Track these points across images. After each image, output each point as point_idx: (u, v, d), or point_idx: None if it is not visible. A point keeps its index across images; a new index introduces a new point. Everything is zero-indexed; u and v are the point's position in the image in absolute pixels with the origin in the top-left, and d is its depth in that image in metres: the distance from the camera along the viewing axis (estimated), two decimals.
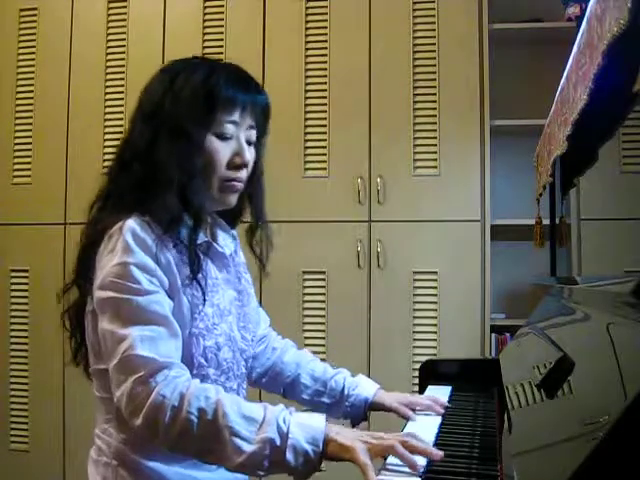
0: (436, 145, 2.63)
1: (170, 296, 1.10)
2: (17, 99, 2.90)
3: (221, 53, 2.77)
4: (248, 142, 1.21)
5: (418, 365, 1.66)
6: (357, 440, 0.96)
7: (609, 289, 1.17)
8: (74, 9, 2.88)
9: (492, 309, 2.64)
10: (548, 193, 2.00)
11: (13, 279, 2.86)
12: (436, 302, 2.61)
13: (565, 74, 1.44)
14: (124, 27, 2.85)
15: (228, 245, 1.27)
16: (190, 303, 1.12)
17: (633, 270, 2.35)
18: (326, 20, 2.72)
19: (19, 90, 2.90)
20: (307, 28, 2.73)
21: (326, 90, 2.71)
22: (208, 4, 2.81)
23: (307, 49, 2.73)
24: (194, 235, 1.15)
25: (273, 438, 0.95)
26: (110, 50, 2.86)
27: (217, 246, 1.23)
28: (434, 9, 2.65)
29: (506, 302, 2.84)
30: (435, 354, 2.55)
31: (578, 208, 2.59)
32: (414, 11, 2.67)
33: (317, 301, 2.68)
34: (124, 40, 2.85)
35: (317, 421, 0.98)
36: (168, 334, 1.06)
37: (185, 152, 1.13)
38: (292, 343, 1.46)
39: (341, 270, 2.65)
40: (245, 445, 0.96)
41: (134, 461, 1.11)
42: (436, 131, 2.63)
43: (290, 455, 0.95)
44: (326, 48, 2.72)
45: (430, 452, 0.95)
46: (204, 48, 2.79)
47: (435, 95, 2.64)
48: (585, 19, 1.16)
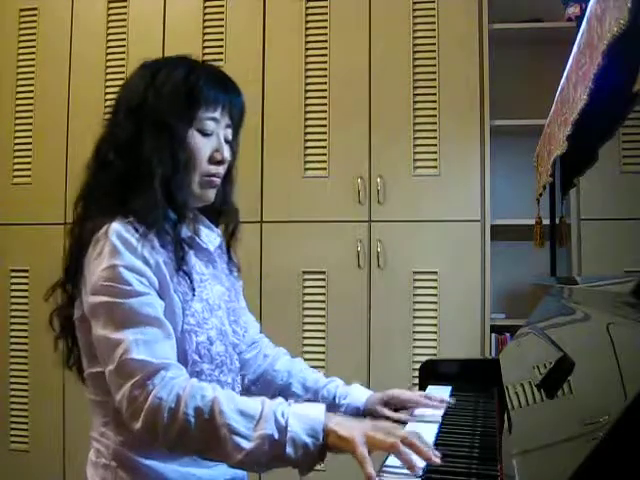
0: (436, 145, 2.63)
1: (161, 296, 1.11)
2: (17, 99, 2.90)
3: (221, 53, 2.78)
4: (225, 140, 1.23)
5: (418, 365, 1.66)
6: (357, 432, 0.95)
7: (609, 289, 1.17)
8: (74, 9, 2.88)
9: (492, 309, 2.64)
10: (548, 193, 2.00)
11: (13, 279, 2.87)
12: (436, 302, 2.61)
13: (565, 74, 1.44)
14: (124, 27, 2.85)
15: (212, 241, 1.27)
16: (181, 300, 1.13)
17: (633, 270, 2.35)
18: (326, 20, 2.72)
19: (19, 90, 2.90)
20: (307, 28, 2.73)
21: (326, 90, 2.71)
22: (208, 4, 2.81)
23: (307, 49, 2.73)
24: (178, 228, 1.16)
25: (271, 433, 0.95)
26: (110, 50, 2.86)
27: (201, 241, 1.23)
28: (434, 9, 2.65)
29: (506, 302, 2.84)
30: (435, 354, 2.55)
31: (578, 208, 2.59)
32: (414, 11, 2.67)
33: (317, 301, 2.68)
34: (124, 40, 2.85)
35: (316, 412, 0.98)
36: (162, 335, 1.07)
37: (169, 146, 1.15)
38: (285, 351, 1.43)
39: (341, 270, 2.65)
40: (244, 442, 0.96)
41: (133, 461, 1.12)
42: (436, 131, 2.63)
43: (290, 449, 0.95)
44: (326, 48, 2.72)
45: (429, 457, 0.93)
46: (204, 48, 2.79)
47: (435, 95, 2.64)
48: (585, 19, 1.16)
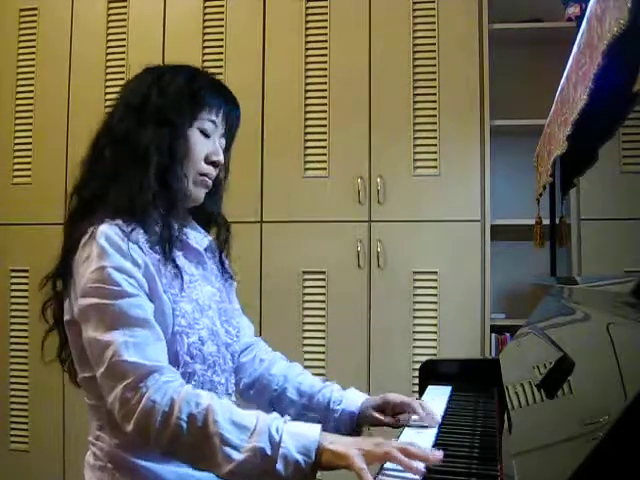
0: (436, 145, 2.63)
1: (150, 298, 1.11)
2: (17, 99, 2.90)
3: (221, 53, 2.78)
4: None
5: (418, 365, 1.66)
6: (352, 447, 0.95)
7: (609, 289, 1.17)
8: (74, 9, 2.88)
9: (492, 309, 2.64)
10: (548, 193, 2.00)
11: (13, 279, 2.86)
12: (436, 302, 2.61)
13: (565, 74, 1.44)
14: (124, 27, 2.85)
15: (200, 242, 1.28)
16: (170, 301, 1.13)
17: (633, 270, 2.35)
18: (326, 20, 2.72)
19: (19, 90, 2.90)
20: (307, 28, 2.73)
21: (326, 90, 2.71)
22: (208, 4, 2.81)
23: (307, 49, 2.73)
24: (168, 219, 1.17)
25: (264, 447, 0.95)
26: (110, 50, 2.86)
27: (190, 241, 1.24)
28: (434, 9, 2.65)
29: (506, 302, 2.84)
30: (435, 354, 2.55)
31: (578, 208, 2.59)
32: (414, 11, 2.67)
33: (317, 301, 2.67)
34: (124, 40, 2.85)
35: (311, 430, 0.97)
36: (153, 337, 1.07)
37: (168, 138, 1.17)
38: (281, 355, 1.43)
39: (341, 270, 2.65)
40: (235, 453, 0.96)
41: (130, 463, 1.12)
42: (436, 131, 2.63)
43: (280, 465, 0.94)
44: (326, 48, 2.71)
45: (427, 457, 0.93)
46: (204, 48, 2.79)
47: (435, 95, 2.64)
48: (585, 19, 1.16)
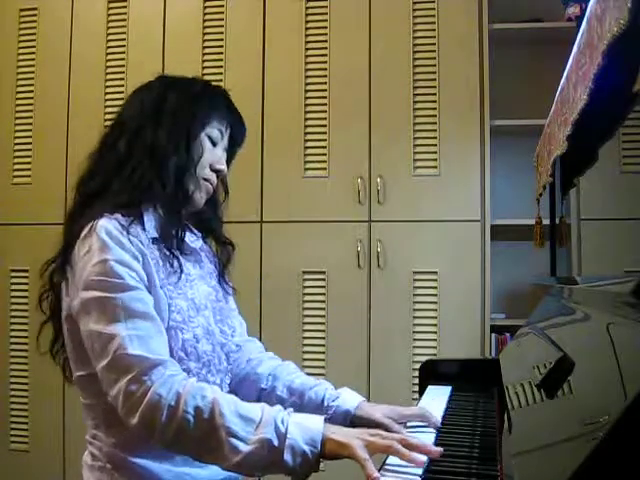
0: (436, 145, 2.63)
1: (149, 292, 1.11)
2: (17, 99, 2.90)
3: (221, 53, 2.78)
4: None
5: (418, 365, 1.66)
6: (355, 437, 0.96)
7: (609, 289, 1.17)
8: (74, 9, 2.88)
9: (492, 309, 2.64)
10: (548, 193, 1.99)
11: (13, 279, 2.86)
12: (436, 302, 2.61)
13: (565, 74, 1.44)
14: (124, 27, 2.85)
15: (195, 242, 1.29)
16: (166, 296, 1.13)
17: (633, 270, 2.35)
18: (326, 20, 2.72)
19: (19, 90, 2.90)
20: (307, 28, 2.73)
21: (326, 90, 2.71)
22: (208, 4, 2.81)
23: (307, 49, 2.73)
24: (174, 215, 1.18)
25: (270, 438, 0.96)
26: (110, 50, 2.86)
27: (188, 241, 1.25)
28: (434, 9, 2.65)
29: (506, 302, 2.84)
30: (435, 354, 2.55)
31: (578, 208, 2.59)
32: (414, 11, 2.67)
33: (317, 301, 2.67)
34: (124, 40, 2.85)
35: (315, 422, 0.98)
36: (155, 330, 1.07)
37: (185, 139, 1.18)
38: (272, 355, 1.39)
39: (341, 270, 2.65)
40: (242, 445, 0.96)
41: (127, 462, 1.12)
42: (436, 131, 2.63)
43: (288, 456, 0.95)
44: (326, 48, 2.71)
45: (429, 450, 0.94)
46: (204, 48, 2.79)
47: (435, 95, 2.64)
48: (585, 19, 1.15)
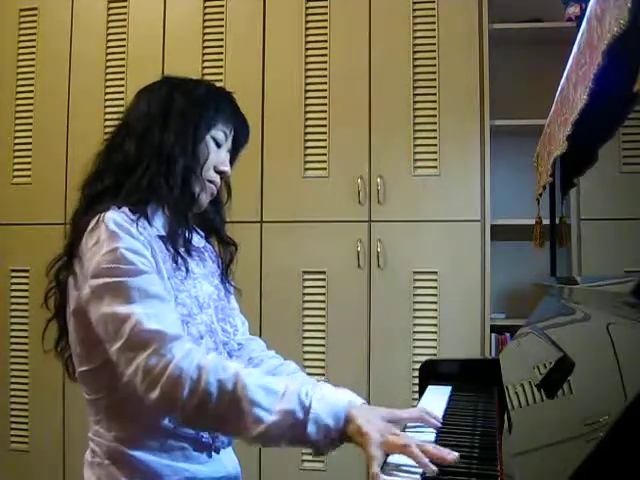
0: (436, 145, 2.63)
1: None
2: (17, 99, 2.90)
3: (221, 53, 2.78)
4: None
5: (418, 365, 1.66)
6: (375, 430, 0.94)
7: (609, 289, 1.17)
8: (74, 9, 2.88)
9: (492, 309, 2.64)
10: (548, 193, 2.00)
11: (13, 279, 2.86)
12: (436, 302, 2.61)
13: (565, 74, 1.44)
14: (124, 27, 2.85)
15: (199, 242, 1.30)
16: (173, 289, 1.14)
17: (633, 270, 2.35)
18: (326, 20, 2.72)
19: (19, 90, 2.90)
20: (307, 28, 2.73)
21: (326, 90, 2.71)
22: (208, 4, 2.81)
23: (307, 49, 2.73)
24: (179, 215, 1.18)
25: (295, 410, 0.95)
26: (110, 50, 2.86)
27: (193, 241, 1.26)
28: (434, 9, 2.65)
29: (506, 302, 2.84)
30: (435, 354, 2.55)
31: (578, 208, 2.59)
32: (414, 11, 2.67)
33: (317, 301, 2.67)
34: (124, 40, 2.85)
35: (340, 397, 0.99)
36: (169, 309, 1.08)
37: (192, 140, 1.19)
38: (274, 354, 1.39)
39: (341, 270, 2.65)
40: (266, 415, 0.96)
41: (126, 456, 1.13)
42: (436, 131, 2.63)
43: (312, 427, 0.95)
44: (326, 48, 2.71)
45: (445, 458, 0.91)
46: (204, 48, 2.79)
47: (435, 95, 2.64)
48: (585, 19, 1.15)
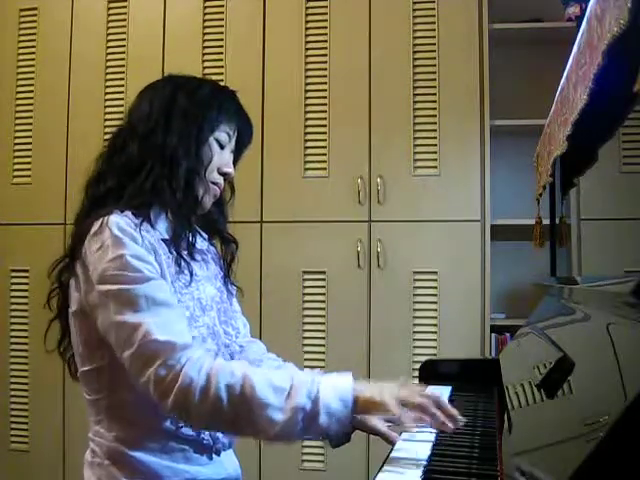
0: (436, 145, 2.63)
1: None
2: (17, 99, 2.90)
3: (221, 53, 2.78)
4: None
5: (418, 365, 1.66)
6: (387, 395, 0.98)
7: (609, 289, 1.17)
8: (74, 9, 2.88)
9: (492, 309, 2.64)
10: (548, 193, 1.99)
11: (13, 279, 2.86)
12: (436, 302, 2.61)
13: (565, 74, 1.44)
14: (124, 27, 2.85)
15: (202, 244, 1.30)
16: (177, 292, 1.14)
17: (633, 270, 2.35)
18: (326, 20, 2.72)
19: (19, 90, 2.90)
20: (307, 28, 2.73)
21: (326, 90, 2.71)
22: (208, 4, 2.81)
23: (307, 49, 2.73)
24: (183, 218, 1.18)
25: (304, 404, 0.97)
26: (110, 50, 2.86)
27: (196, 243, 1.25)
28: (434, 9, 2.65)
29: (506, 302, 2.84)
30: (435, 354, 2.55)
31: (578, 208, 2.59)
32: (414, 11, 2.67)
33: (317, 301, 2.67)
34: (124, 40, 2.84)
35: (344, 381, 1.01)
36: (177, 316, 1.09)
37: (195, 142, 1.19)
38: (273, 357, 1.39)
39: (341, 270, 2.65)
40: (278, 415, 0.98)
41: (126, 456, 1.13)
42: (436, 131, 2.63)
43: (324, 417, 0.97)
44: (326, 48, 2.71)
45: (456, 417, 0.99)
46: (204, 48, 2.79)
47: (435, 95, 2.64)
48: (585, 19, 1.15)
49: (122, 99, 2.78)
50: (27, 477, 2.78)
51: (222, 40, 2.78)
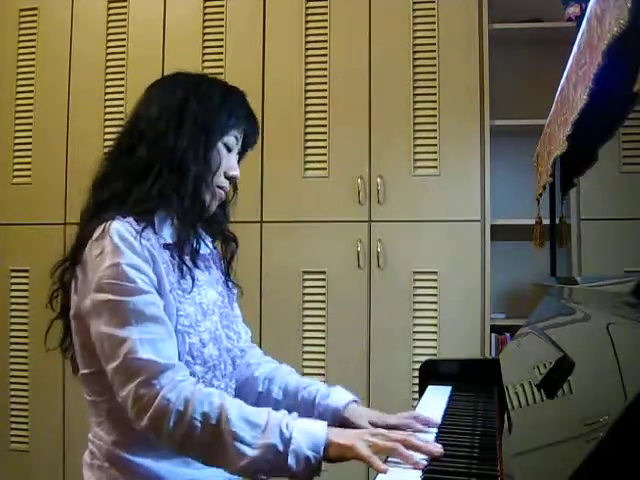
0: (436, 145, 2.63)
1: (159, 295, 1.11)
2: (17, 99, 2.90)
3: (221, 53, 2.78)
4: None
5: (418, 365, 1.66)
6: (357, 439, 0.98)
7: (609, 289, 1.17)
8: (74, 9, 2.88)
9: (492, 309, 2.64)
10: (548, 193, 2.00)
11: (13, 279, 2.86)
12: (436, 302, 2.61)
13: (565, 74, 1.44)
14: (124, 27, 2.85)
15: (204, 249, 1.29)
16: (175, 301, 1.14)
17: (633, 270, 2.35)
18: (326, 20, 2.72)
19: (19, 90, 2.90)
20: (307, 28, 2.73)
21: (326, 90, 2.71)
22: (208, 4, 2.81)
23: (307, 49, 2.73)
24: (188, 223, 1.18)
25: (275, 444, 0.97)
26: (110, 50, 2.86)
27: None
28: (434, 9, 2.65)
29: (506, 302, 2.84)
30: (435, 354, 2.55)
31: (578, 208, 2.59)
32: (414, 11, 2.67)
33: (317, 301, 2.67)
34: (124, 40, 2.84)
35: (319, 427, 1.00)
36: (165, 334, 1.08)
37: (204, 147, 1.18)
38: (270, 359, 1.40)
39: (341, 270, 2.65)
40: (248, 450, 0.98)
41: (125, 460, 1.13)
42: (436, 131, 2.63)
43: (292, 460, 0.97)
44: (326, 48, 2.71)
45: (431, 450, 0.96)
46: (204, 48, 2.79)
47: (435, 95, 2.64)
48: (585, 19, 1.15)
49: (122, 99, 2.78)
50: (27, 477, 2.78)
51: (222, 40, 2.78)
